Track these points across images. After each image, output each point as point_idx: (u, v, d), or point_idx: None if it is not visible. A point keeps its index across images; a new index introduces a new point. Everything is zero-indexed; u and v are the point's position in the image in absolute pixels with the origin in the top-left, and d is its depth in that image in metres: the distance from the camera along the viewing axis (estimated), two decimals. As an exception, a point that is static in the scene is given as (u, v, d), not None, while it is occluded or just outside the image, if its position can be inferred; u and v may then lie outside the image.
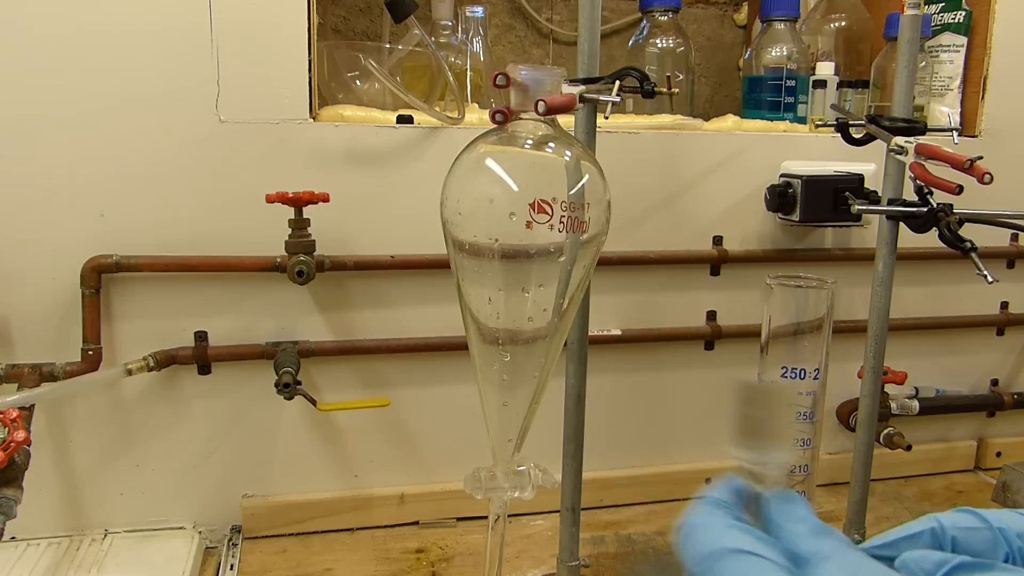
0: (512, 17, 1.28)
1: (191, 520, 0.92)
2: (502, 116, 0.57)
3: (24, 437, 0.70)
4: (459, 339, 0.86)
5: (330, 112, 0.88)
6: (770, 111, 1.06)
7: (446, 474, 0.98)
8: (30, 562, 0.84)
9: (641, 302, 1.00)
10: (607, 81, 0.65)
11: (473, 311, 0.60)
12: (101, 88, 0.81)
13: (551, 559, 0.84)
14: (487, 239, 0.56)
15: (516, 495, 0.63)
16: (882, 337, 0.81)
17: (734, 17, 1.38)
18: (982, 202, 0.74)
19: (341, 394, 0.93)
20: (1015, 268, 1.13)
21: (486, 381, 0.62)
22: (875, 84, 1.12)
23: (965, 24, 1.08)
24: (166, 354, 0.85)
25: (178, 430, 0.90)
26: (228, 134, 0.84)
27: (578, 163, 0.58)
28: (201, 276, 0.86)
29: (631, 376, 1.01)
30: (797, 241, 1.03)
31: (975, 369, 1.16)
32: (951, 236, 0.73)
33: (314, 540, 0.94)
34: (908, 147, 0.73)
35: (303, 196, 0.81)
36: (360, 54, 0.97)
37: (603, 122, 0.80)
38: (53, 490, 0.88)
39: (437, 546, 0.93)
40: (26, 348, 0.84)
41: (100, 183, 0.82)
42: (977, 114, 1.07)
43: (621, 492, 1.03)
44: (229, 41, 0.83)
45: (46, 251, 0.82)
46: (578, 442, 0.76)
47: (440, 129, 0.89)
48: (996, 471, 1.10)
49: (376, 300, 0.92)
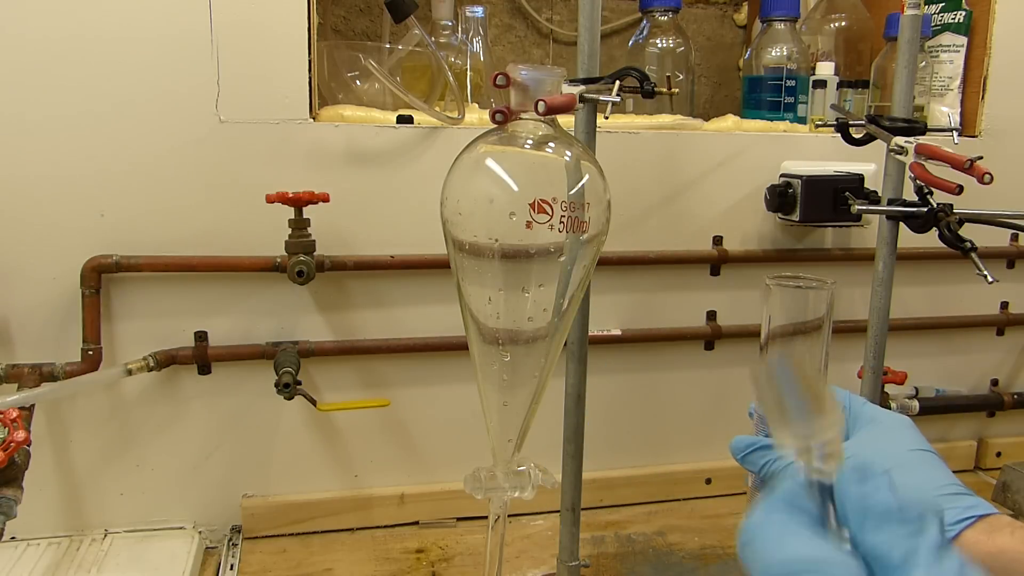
0: (512, 17, 1.28)
1: (191, 520, 0.92)
2: (502, 116, 0.57)
3: (24, 437, 0.70)
4: (459, 339, 0.86)
5: (330, 112, 0.88)
6: (770, 111, 1.06)
7: (446, 474, 0.98)
8: (30, 562, 0.84)
9: (641, 302, 1.00)
10: (607, 81, 0.65)
11: (473, 311, 0.60)
12: (101, 88, 0.81)
13: (551, 559, 0.84)
14: (487, 239, 0.56)
15: (516, 495, 0.63)
16: (882, 337, 0.81)
17: (734, 17, 1.38)
18: (982, 202, 0.74)
19: (341, 394, 0.93)
20: (1015, 268, 1.13)
21: (486, 381, 0.62)
22: (875, 84, 1.12)
23: (965, 24, 1.08)
24: (166, 354, 0.85)
25: (178, 430, 0.90)
26: (228, 134, 0.84)
27: (578, 163, 0.58)
28: (201, 276, 0.86)
29: (631, 376, 1.01)
30: (797, 241, 1.03)
31: (975, 369, 1.16)
32: (951, 236, 0.73)
33: (314, 540, 0.94)
34: (908, 147, 0.73)
35: (303, 196, 0.81)
36: (360, 54, 0.97)
37: (603, 122, 0.80)
38: (53, 490, 0.88)
39: (437, 546, 0.93)
40: (26, 348, 0.84)
41: (100, 183, 0.82)
42: (977, 114, 1.07)
43: (621, 492, 1.03)
44: (229, 41, 0.83)
45: (46, 251, 0.82)
46: (578, 442, 0.76)
47: (440, 129, 0.89)
48: (996, 471, 1.10)
49: (376, 300, 0.92)
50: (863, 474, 0.31)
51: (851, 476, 0.31)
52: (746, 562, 0.32)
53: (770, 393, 0.33)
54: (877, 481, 0.31)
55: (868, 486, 0.31)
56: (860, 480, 0.31)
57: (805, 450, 0.32)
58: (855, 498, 0.31)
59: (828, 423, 0.32)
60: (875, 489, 0.31)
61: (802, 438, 0.32)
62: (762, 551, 0.31)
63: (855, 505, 0.31)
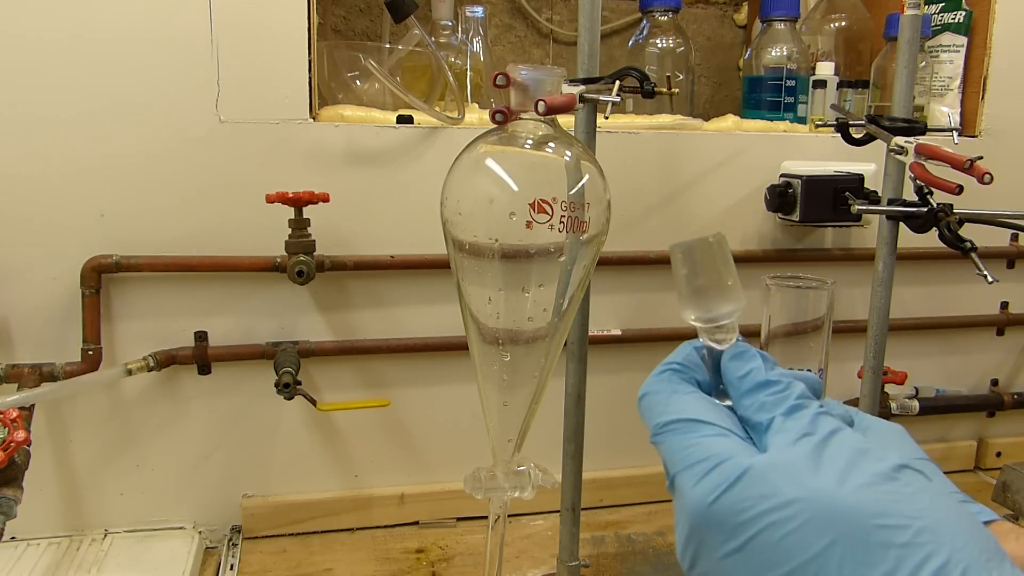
0: (512, 17, 1.28)
1: (191, 520, 0.92)
2: (502, 116, 0.57)
3: (24, 437, 0.70)
4: (459, 339, 0.86)
5: (330, 112, 0.88)
6: (770, 111, 1.06)
7: (446, 474, 0.98)
8: (30, 562, 0.84)
9: (641, 302, 1.00)
10: (607, 81, 0.65)
11: (473, 311, 0.60)
12: (101, 88, 0.81)
13: (551, 559, 0.84)
14: (487, 239, 0.56)
15: (516, 495, 0.63)
16: (882, 337, 0.81)
17: (734, 17, 1.38)
18: (982, 202, 0.74)
19: (341, 394, 0.93)
20: (1015, 268, 1.13)
21: (486, 381, 0.62)
22: (875, 84, 1.12)
23: (965, 24, 1.08)
24: (166, 354, 0.85)
25: (178, 430, 0.90)
26: (228, 134, 0.84)
27: (578, 163, 0.58)
28: (201, 276, 0.86)
29: (631, 376, 1.01)
30: (797, 241, 1.03)
31: (975, 369, 1.15)
32: (951, 236, 0.73)
33: (314, 540, 0.94)
34: (908, 147, 0.73)
35: (303, 196, 0.81)
36: (360, 54, 0.97)
37: (603, 122, 0.80)
38: (53, 490, 0.88)
39: (437, 546, 0.93)
40: (26, 348, 0.84)
41: (100, 183, 0.82)
42: (977, 114, 1.07)
43: (621, 492, 1.03)
44: (229, 41, 0.83)
45: (46, 251, 0.82)
46: (578, 442, 0.76)
47: (440, 129, 0.89)
48: (996, 471, 1.10)
49: (376, 300, 0.92)
50: (743, 353, 0.36)
51: (730, 351, 0.36)
52: (641, 414, 0.36)
53: (682, 270, 0.38)
54: (751, 356, 0.35)
55: (743, 360, 0.35)
56: (736, 356, 0.36)
57: (705, 322, 0.37)
58: (731, 370, 0.35)
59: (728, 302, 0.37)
60: (748, 362, 0.35)
61: (704, 311, 0.37)
62: (654, 403, 0.36)
63: (730, 376, 0.35)
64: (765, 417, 0.33)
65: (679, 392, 0.35)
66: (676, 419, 0.34)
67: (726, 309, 0.37)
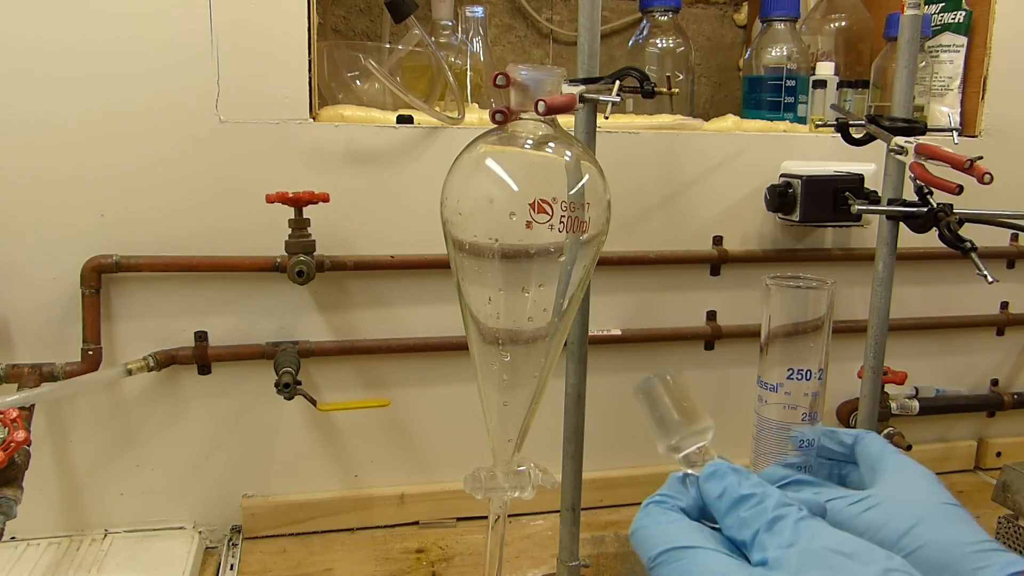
0: (512, 17, 1.28)
1: (191, 520, 0.92)
2: (502, 116, 0.57)
3: (24, 437, 0.70)
4: (459, 339, 0.86)
5: (330, 112, 0.88)
6: (770, 111, 1.06)
7: (446, 474, 0.98)
8: (30, 562, 0.84)
9: (641, 302, 1.00)
10: (607, 81, 0.65)
11: (473, 311, 0.60)
12: (101, 88, 0.81)
13: (551, 559, 0.84)
14: (487, 239, 0.56)
15: (516, 495, 0.63)
16: (882, 337, 0.81)
17: (734, 17, 1.38)
18: (982, 202, 0.74)
19: (341, 394, 0.93)
20: (1015, 268, 1.13)
21: (486, 381, 0.62)
22: (875, 84, 1.12)
23: (965, 24, 1.08)
24: (166, 354, 0.85)
25: (178, 430, 0.90)
26: (228, 134, 0.84)
27: (578, 163, 0.58)
28: (201, 276, 0.86)
29: (631, 376, 1.00)
30: (797, 241, 1.03)
31: (975, 369, 1.16)
32: (951, 236, 0.73)
33: (314, 540, 0.94)
34: (908, 147, 0.73)
35: (303, 196, 0.81)
36: (360, 54, 0.97)
37: (603, 122, 0.80)
38: (53, 490, 0.88)
39: (437, 546, 0.93)
40: (26, 348, 0.84)
41: (100, 183, 0.82)
42: (977, 114, 1.07)
43: (621, 492, 1.03)
44: (229, 41, 0.83)
45: (46, 251, 0.82)
46: (578, 442, 0.76)
47: (440, 129, 0.89)
48: (996, 471, 1.10)
49: (376, 300, 0.92)
50: (714, 473, 0.37)
51: (704, 474, 0.38)
52: (635, 549, 0.37)
53: (644, 408, 0.41)
54: (723, 474, 0.37)
55: (716, 479, 0.37)
56: (709, 476, 0.37)
57: (674, 451, 0.40)
58: (708, 492, 0.37)
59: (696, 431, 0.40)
60: (721, 480, 0.37)
61: (669, 440, 0.40)
62: (644, 538, 0.37)
63: (709, 499, 0.37)
64: (748, 534, 0.34)
65: (664, 523, 0.37)
66: (666, 549, 0.35)
67: (689, 437, 0.40)
